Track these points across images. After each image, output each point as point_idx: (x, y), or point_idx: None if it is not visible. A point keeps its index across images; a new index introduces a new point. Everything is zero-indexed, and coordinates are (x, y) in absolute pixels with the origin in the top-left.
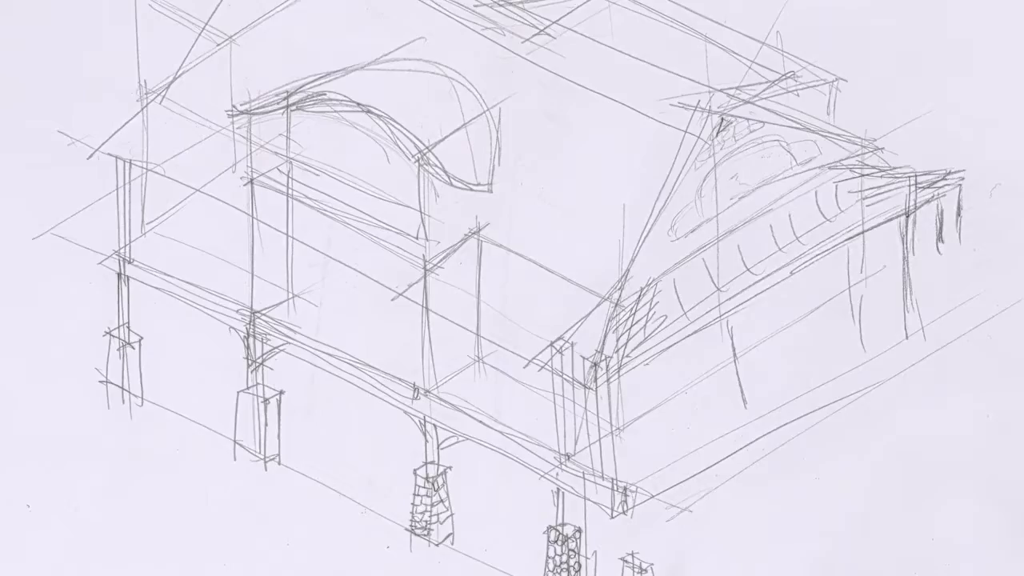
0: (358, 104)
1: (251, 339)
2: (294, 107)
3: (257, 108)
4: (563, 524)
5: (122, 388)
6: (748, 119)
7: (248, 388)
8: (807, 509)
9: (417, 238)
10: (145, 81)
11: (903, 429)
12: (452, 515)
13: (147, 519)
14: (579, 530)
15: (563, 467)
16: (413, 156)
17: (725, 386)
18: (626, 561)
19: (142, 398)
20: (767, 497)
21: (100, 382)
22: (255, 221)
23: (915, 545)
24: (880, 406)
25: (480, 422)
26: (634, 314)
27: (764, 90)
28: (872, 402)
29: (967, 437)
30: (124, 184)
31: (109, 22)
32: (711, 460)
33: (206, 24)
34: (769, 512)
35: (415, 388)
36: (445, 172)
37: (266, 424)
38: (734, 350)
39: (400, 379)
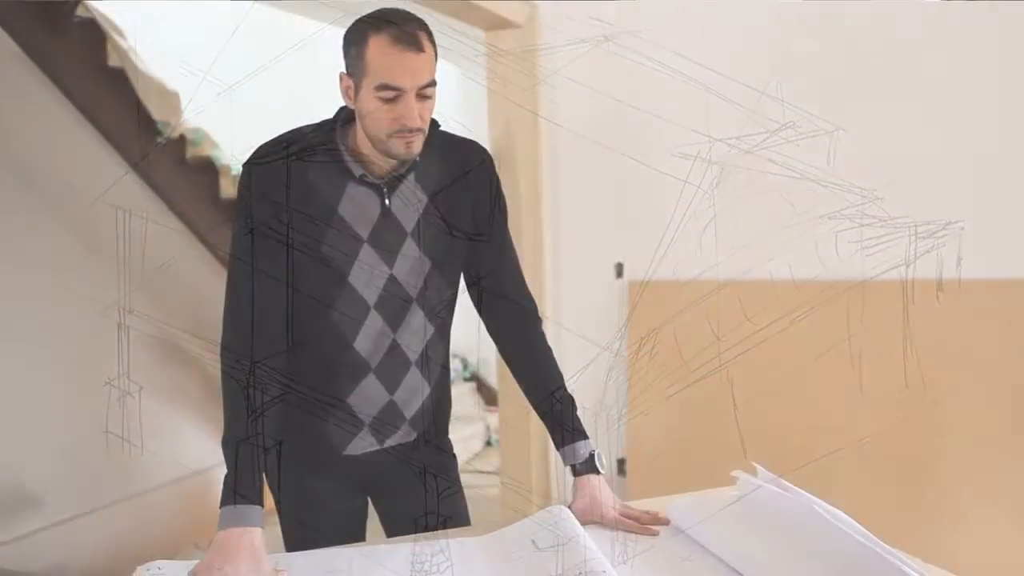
0: (358, 153)
1: (251, 389)
2: (293, 156)
3: (256, 158)
4: (564, 573)
5: (122, 438)
6: (748, 169)
7: (248, 438)
8: (806, 558)
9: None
10: (146, 131)
11: (903, 478)
12: (452, 565)
13: None
14: None
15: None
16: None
17: (725, 435)
18: None
19: (142, 447)
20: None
21: (100, 432)
22: (254, 270)
23: None
24: (880, 454)
25: (481, 472)
26: (634, 364)
27: (764, 140)
28: (872, 450)
29: (967, 485)
30: (124, 234)
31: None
32: (712, 509)
33: (205, 74)
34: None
35: (416, 437)
36: (444, 221)
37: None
38: (734, 399)
39: (400, 428)
